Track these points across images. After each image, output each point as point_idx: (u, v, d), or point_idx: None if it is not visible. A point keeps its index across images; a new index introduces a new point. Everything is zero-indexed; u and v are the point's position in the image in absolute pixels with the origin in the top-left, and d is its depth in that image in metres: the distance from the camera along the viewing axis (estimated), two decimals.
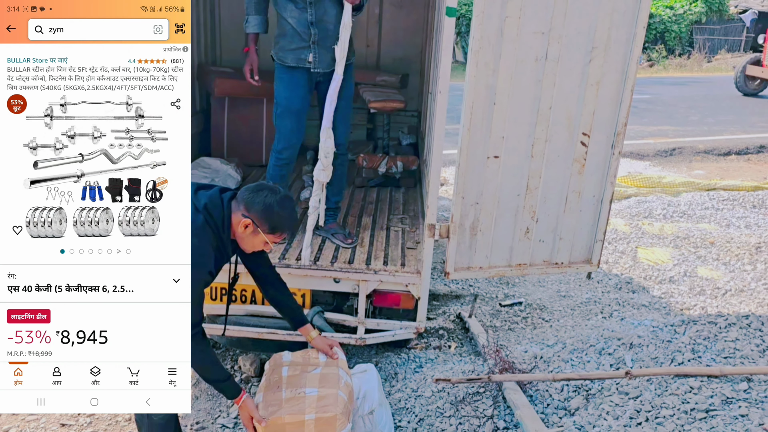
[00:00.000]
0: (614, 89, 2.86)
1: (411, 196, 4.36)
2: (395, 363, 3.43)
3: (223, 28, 5.50)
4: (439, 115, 2.87)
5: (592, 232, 3.11)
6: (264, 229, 2.18)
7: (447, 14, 2.72)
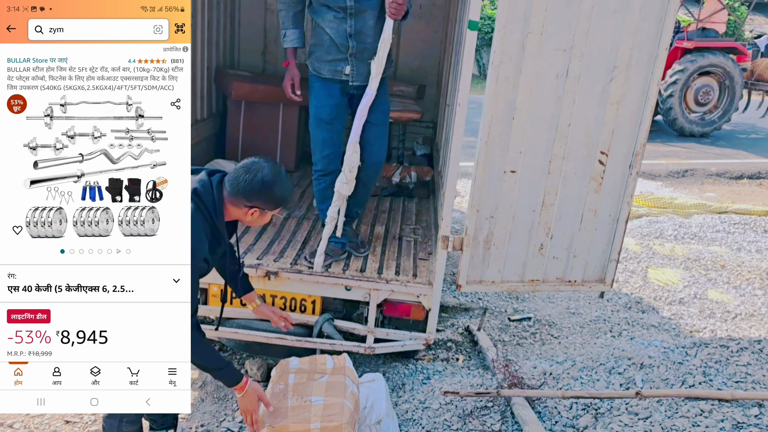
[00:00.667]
0: (634, 109, 2.85)
1: (424, 207, 4.36)
2: (403, 373, 3.42)
3: (242, 32, 5.54)
4: (457, 127, 2.88)
5: (606, 251, 3.09)
6: (270, 207, 2.22)
7: (469, 27, 2.73)
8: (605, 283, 3.15)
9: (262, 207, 2.19)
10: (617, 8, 2.68)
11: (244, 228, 3.61)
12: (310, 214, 4.02)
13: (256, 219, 2.23)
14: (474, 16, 2.69)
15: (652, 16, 2.71)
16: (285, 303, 3.21)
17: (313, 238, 3.60)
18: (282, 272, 3.12)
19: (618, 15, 2.68)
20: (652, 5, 2.70)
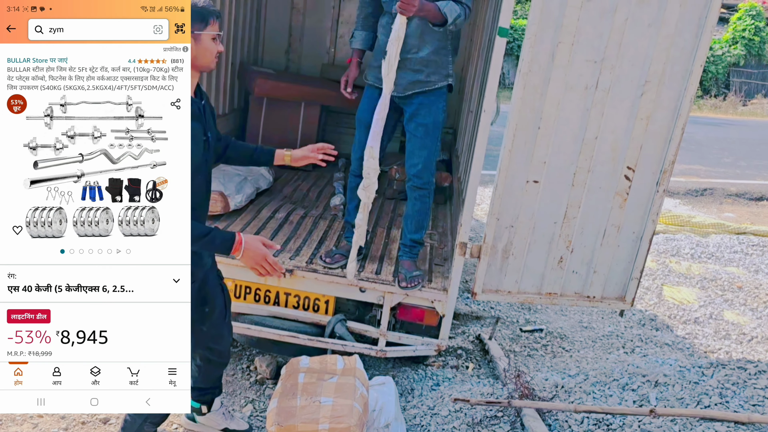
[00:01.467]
0: (665, 126, 2.80)
1: (441, 213, 4.35)
2: (412, 378, 3.40)
3: (267, 29, 5.57)
4: (481, 134, 2.86)
5: (628, 269, 3.02)
6: (198, 27, 2.02)
7: (499, 34, 2.72)
8: (625, 301, 3.08)
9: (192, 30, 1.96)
10: (652, 22, 2.64)
11: (260, 225, 3.62)
12: (327, 213, 4.02)
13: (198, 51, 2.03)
14: (505, 23, 2.68)
15: (689, 31, 2.67)
16: (298, 301, 3.21)
17: (329, 237, 3.60)
18: (297, 270, 3.11)
19: (652, 29, 2.64)
20: (689, 21, 2.65)
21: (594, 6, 2.61)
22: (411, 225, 3.22)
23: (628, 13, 2.62)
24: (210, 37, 2.08)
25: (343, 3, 5.53)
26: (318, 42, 5.64)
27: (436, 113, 3.05)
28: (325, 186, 4.62)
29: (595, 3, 2.60)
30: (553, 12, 2.60)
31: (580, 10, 2.60)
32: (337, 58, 5.65)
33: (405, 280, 3.08)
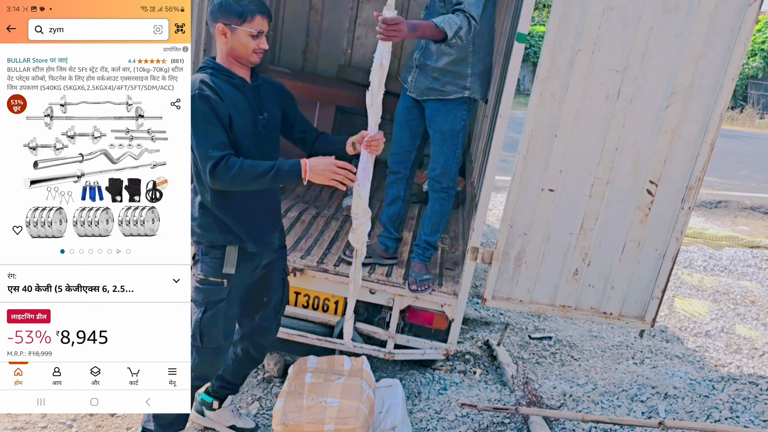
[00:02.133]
0: (691, 140, 2.70)
1: (452, 217, 4.33)
2: (419, 382, 3.39)
3: (285, 29, 5.59)
4: (496, 140, 2.85)
5: (649, 287, 2.92)
6: (235, 22, 2.08)
7: (517, 40, 2.71)
8: (645, 321, 2.97)
9: (227, 21, 2.08)
10: (680, 32, 2.57)
11: None
12: (339, 214, 4.02)
13: (231, 41, 2.10)
14: (523, 29, 2.67)
15: (720, 43, 2.58)
16: (308, 301, 3.21)
17: (341, 238, 3.60)
18: (308, 270, 3.11)
19: (680, 39, 2.58)
20: (720, 32, 2.57)
21: (617, 14, 2.56)
22: (427, 226, 3.23)
23: (653, 23, 2.56)
24: (247, 34, 2.10)
25: (361, 4, 5.54)
26: (335, 43, 5.66)
27: (452, 122, 3.03)
28: None
29: (617, 11, 2.56)
30: (573, 19, 2.57)
31: (602, 18, 2.56)
32: (353, 59, 5.65)
33: (415, 283, 3.06)
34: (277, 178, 2.11)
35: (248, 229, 2.30)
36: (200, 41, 3.34)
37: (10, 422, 2.76)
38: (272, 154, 2.31)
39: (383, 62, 2.21)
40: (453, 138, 3.06)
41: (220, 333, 2.35)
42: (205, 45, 3.41)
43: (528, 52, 17.28)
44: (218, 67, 2.18)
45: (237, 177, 2.07)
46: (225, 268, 2.28)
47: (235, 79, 2.18)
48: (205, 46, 3.43)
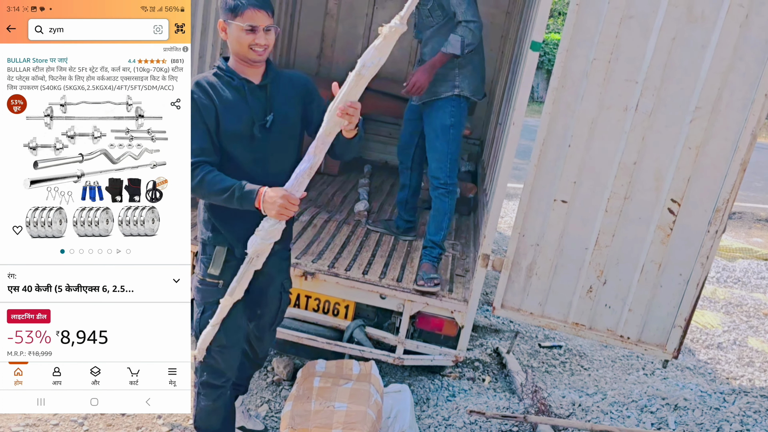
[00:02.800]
0: (719, 158, 2.55)
1: (464, 224, 4.34)
2: (428, 388, 3.39)
3: (300, 34, 5.63)
4: (509, 147, 2.85)
5: (671, 314, 2.75)
6: (229, 17, 2.03)
7: (531, 48, 2.71)
8: (666, 350, 2.79)
9: (224, 17, 2.06)
10: (706, 43, 2.46)
11: None
12: (350, 218, 4.04)
13: (230, 38, 2.06)
14: (537, 37, 2.67)
15: (751, 55, 2.44)
16: (319, 304, 3.22)
17: (352, 242, 3.62)
18: (319, 274, 3.13)
19: (706, 50, 2.46)
20: (753, 44, 2.43)
21: (636, 23, 2.49)
22: (432, 226, 3.37)
23: (676, 33, 2.47)
24: (240, 28, 2.03)
25: (376, 10, 5.57)
26: (350, 48, 5.68)
27: (442, 117, 3.29)
28: (350, 191, 4.64)
29: (637, 20, 2.49)
30: (588, 27, 2.53)
31: (619, 27, 2.49)
32: None
33: (422, 279, 3.11)
34: (232, 200, 2.03)
35: (237, 232, 2.18)
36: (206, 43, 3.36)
37: (22, 419, 2.79)
38: (279, 156, 2.20)
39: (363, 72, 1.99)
40: (444, 133, 3.29)
41: (221, 333, 2.27)
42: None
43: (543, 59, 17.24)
44: (223, 67, 2.13)
45: (196, 189, 2.00)
46: (210, 268, 2.21)
47: (235, 80, 2.11)
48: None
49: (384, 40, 1.96)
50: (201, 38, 3.23)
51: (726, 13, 2.41)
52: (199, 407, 2.44)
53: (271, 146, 2.18)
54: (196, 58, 3.24)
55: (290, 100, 2.23)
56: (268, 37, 2.08)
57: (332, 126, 2.03)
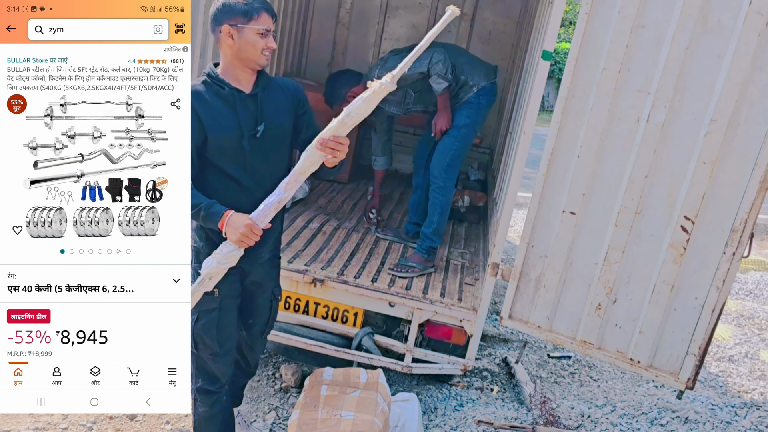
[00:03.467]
0: (737, 175, 2.42)
1: (474, 232, 4.33)
2: (436, 397, 3.38)
3: (311, 42, 5.66)
4: (519, 156, 2.85)
5: (685, 340, 2.61)
6: (240, 21, 2.00)
7: (543, 57, 2.71)
8: (679, 379, 2.65)
9: (232, 22, 2.01)
10: (722, 53, 2.36)
11: (294, 234, 3.66)
12: (360, 226, 4.04)
13: (238, 42, 2.03)
14: (549, 47, 2.67)
15: None
16: (327, 312, 3.22)
17: (361, 249, 3.62)
18: (328, 281, 3.13)
19: (723, 60, 2.37)
20: None
21: (648, 32, 2.44)
22: (428, 220, 3.49)
23: (690, 42, 2.39)
24: (255, 32, 2.02)
25: (387, 19, 5.59)
26: (361, 56, 5.71)
27: (458, 117, 3.40)
28: (360, 198, 4.65)
29: (649, 30, 2.44)
30: (598, 36, 2.49)
31: (630, 36, 2.45)
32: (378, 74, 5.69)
33: (398, 265, 3.35)
34: (198, 217, 2.06)
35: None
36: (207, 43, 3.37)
37: (32, 422, 2.81)
38: (269, 165, 2.19)
39: (346, 120, 1.98)
40: (454, 130, 3.41)
41: (214, 341, 2.30)
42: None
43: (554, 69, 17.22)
44: (213, 75, 2.10)
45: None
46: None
47: (225, 89, 2.09)
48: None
49: (372, 94, 1.97)
50: (202, 38, 3.24)
51: (744, 21, 2.32)
52: (197, 414, 2.46)
53: (262, 156, 2.17)
54: (196, 57, 3.25)
55: (281, 109, 2.21)
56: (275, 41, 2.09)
57: (308, 165, 2.05)
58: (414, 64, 2.68)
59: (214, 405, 2.44)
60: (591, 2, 2.50)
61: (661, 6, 2.43)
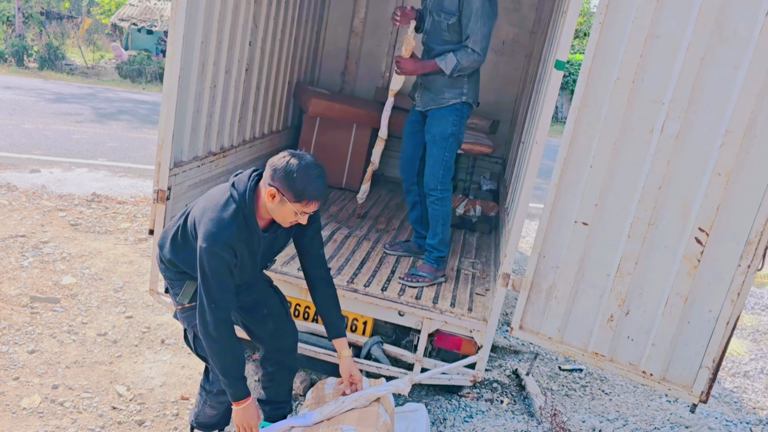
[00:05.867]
0: (752, 187, 2.39)
1: (485, 242, 4.31)
2: (445, 408, 3.35)
3: (325, 51, 5.70)
4: (531, 166, 2.82)
5: (699, 353, 2.58)
6: (289, 197, 2.12)
7: (556, 67, 2.69)
8: (692, 392, 2.61)
9: (281, 191, 2.12)
10: (738, 63, 2.34)
11: None
12: (371, 234, 4.03)
13: (277, 206, 2.16)
14: (562, 56, 2.65)
15: None
16: None
17: (371, 258, 3.61)
18: (338, 289, 3.09)
19: (738, 71, 2.34)
20: None
21: (662, 43, 2.42)
22: (431, 232, 3.49)
23: (705, 52, 2.37)
24: (294, 211, 2.16)
25: (400, 29, 5.61)
26: (373, 66, 5.73)
27: (444, 126, 3.35)
28: (371, 207, 4.64)
29: (663, 39, 2.42)
30: (612, 46, 2.48)
31: (644, 46, 2.44)
32: None
33: (408, 274, 3.34)
34: (222, 383, 2.29)
35: None
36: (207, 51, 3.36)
37: (41, 426, 2.81)
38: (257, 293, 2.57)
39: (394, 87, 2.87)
40: (443, 141, 3.36)
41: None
42: None
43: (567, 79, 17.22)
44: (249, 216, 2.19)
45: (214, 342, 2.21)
46: (179, 298, 2.41)
47: (256, 233, 2.24)
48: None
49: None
50: (201, 49, 3.25)
51: (760, 31, 2.29)
52: (203, 412, 2.63)
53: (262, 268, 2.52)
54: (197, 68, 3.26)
55: (288, 235, 2.44)
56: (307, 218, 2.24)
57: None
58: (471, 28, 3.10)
59: (221, 405, 2.60)
60: (605, 12, 2.49)
61: (676, 16, 2.41)
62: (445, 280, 3.44)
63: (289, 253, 3.40)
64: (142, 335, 3.73)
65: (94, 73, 16.78)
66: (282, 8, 4.38)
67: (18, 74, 14.70)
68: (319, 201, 2.18)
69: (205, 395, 2.58)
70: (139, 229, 5.44)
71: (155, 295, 3.20)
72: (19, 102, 10.55)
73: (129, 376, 3.30)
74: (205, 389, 2.58)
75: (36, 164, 6.94)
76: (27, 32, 18.11)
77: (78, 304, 3.97)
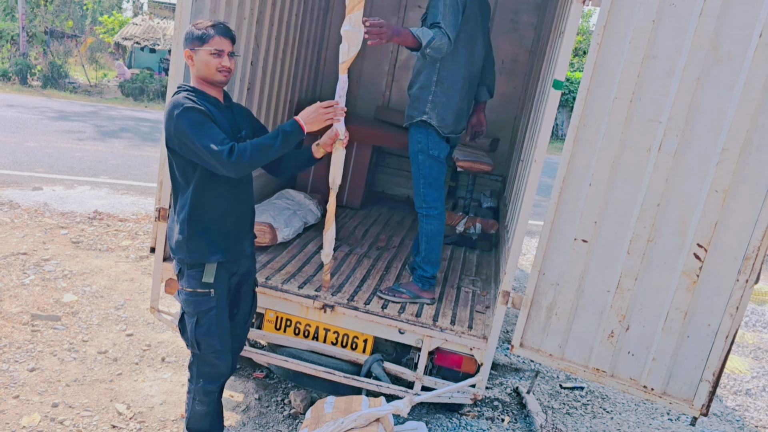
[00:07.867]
0: (749, 204, 2.44)
1: (485, 260, 4.32)
2: (446, 426, 3.34)
3: (326, 70, 5.74)
4: (531, 184, 2.85)
5: (699, 367, 2.62)
6: (197, 45, 2.33)
7: (554, 86, 2.72)
8: (693, 406, 2.64)
9: (191, 47, 2.35)
10: (733, 83, 2.39)
11: (305, 259, 3.67)
12: (372, 252, 4.04)
13: (197, 63, 2.35)
14: (560, 76, 2.68)
15: None
16: (337, 338, 3.21)
17: (372, 276, 3.62)
18: (338, 307, 3.13)
19: (733, 91, 2.40)
20: None
21: (659, 63, 2.47)
22: (422, 250, 3.42)
23: (700, 73, 2.42)
24: (207, 53, 2.34)
25: (401, 48, 5.67)
26: (374, 84, 5.78)
27: (412, 143, 3.36)
28: (372, 225, 4.66)
29: (660, 60, 2.47)
30: (610, 67, 2.52)
31: (641, 66, 2.48)
32: (391, 101, 5.76)
33: (389, 289, 3.32)
34: (285, 141, 2.37)
35: (219, 240, 2.48)
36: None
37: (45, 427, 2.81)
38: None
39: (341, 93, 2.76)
40: (414, 158, 3.37)
41: (215, 339, 2.53)
42: None
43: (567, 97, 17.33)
44: (192, 88, 2.39)
45: (254, 155, 2.29)
46: (205, 277, 2.46)
47: (210, 98, 2.40)
48: None
49: None
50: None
51: (754, 52, 2.36)
52: (194, 411, 2.69)
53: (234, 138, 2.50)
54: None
55: (247, 123, 2.58)
56: (232, 62, 2.40)
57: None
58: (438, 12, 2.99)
59: (211, 403, 2.68)
60: (602, 33, 2.53)
61: (672, 37, 2.45)
62: (432, 303, 3.34)
63: (290, 272, 3.41)
64: (143, 353, 3.73)
65: (96, 92, 16.92)
66: (284, 29, 4.43)
67: (21, 92, 14.81)
68: (222, 35, 2.36)
69: (193, 391, 2.66)
70: (140, 246, 5.45)
71: (156, 313, 3.21)
72: (23, 120, 10.62)
73: (129, 394, 3.30)
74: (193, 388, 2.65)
75: (38, 182, 6.97)
76: (31, 51, 18.29)
77: (79, 322, 3.97)
